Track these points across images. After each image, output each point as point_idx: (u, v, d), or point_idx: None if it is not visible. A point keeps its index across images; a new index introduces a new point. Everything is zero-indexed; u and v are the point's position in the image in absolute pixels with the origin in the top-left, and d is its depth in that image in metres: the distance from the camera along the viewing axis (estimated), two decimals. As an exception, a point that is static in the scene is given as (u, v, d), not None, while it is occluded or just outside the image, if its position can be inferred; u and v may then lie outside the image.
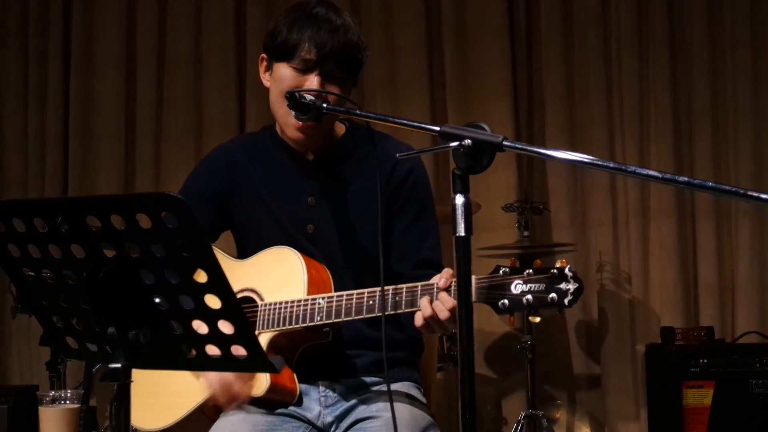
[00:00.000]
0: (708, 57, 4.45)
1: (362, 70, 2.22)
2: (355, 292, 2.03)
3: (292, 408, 2.13)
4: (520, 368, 4.25)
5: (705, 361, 3.88)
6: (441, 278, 1.95)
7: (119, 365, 1.54)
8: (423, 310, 1.95)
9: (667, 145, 4.44)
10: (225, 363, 1.58)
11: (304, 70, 2.12)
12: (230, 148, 2.35)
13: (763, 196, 1.42)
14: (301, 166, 2.25)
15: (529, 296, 1.86)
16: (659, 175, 1.52)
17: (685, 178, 1.51)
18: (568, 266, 1.85)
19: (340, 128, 2.30)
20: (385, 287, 2.00)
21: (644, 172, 1.54)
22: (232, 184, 2.28)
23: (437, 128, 1.69)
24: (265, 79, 2.23)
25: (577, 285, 1.84)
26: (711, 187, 1.49)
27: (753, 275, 4.32)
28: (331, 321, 2.04)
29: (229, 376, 2.03)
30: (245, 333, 1.54)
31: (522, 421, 3.96)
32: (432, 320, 1.95)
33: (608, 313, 4.47)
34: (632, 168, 1.55)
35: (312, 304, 2.05)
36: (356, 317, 2.03)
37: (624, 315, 4.45)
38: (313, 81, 2.11)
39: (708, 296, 4.38)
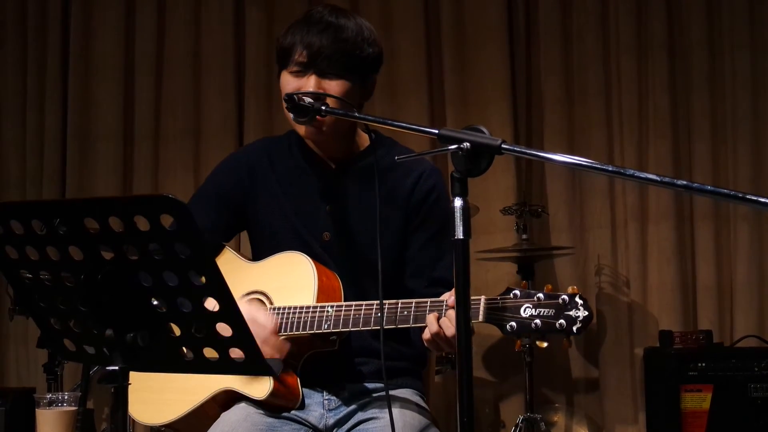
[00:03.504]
0: (707, 59, 4.44)
1: (372, 66, 2.18)
2: (364, 303, 2.03)
3: (294, 411, 2.13)
4: (518, 371, 4.24)
5: (703, 364, 3.87)
6: (451, 296, 1.95)
7: (117, 367, 1.55)
8: (429, 326, 1.95)
9: (666, 147, 4.43)
10: (223, 366, 1.57)
11: (300, 72, 2.12)
12: (252, 152, 2.35)
13: (762, 199, 1.42)
14: (322, 174, 2.25)
15: (538, 321, 1.86)
16: (658, 178, 1.52)
17: (684, 182, 1.51)
18: (579, 293, 1.85)
19: (364, 138, 2.27)
20: (395, 301, 2.00)
21: (643, 175, 1.54)
22: (250, 188, 2.28)
23: (436, 131, 1.69)
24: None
25: (587, 313, 1.84)
26: (709, 190, 1.48)
27: (751, 279, 4.31)
28: (338, 330, 2.04)
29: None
30: (243, 336, 1.53)
31: (520, 424, 3.96)
32: (438, 337, 1.94)
33: (607, 317, 4.46)
34: (631, 171, 1.55)
35: (321, 312, 2.05)
36: (363, 328, 2.03)
37: (622, 318, 4.44)
38: (310, 82, 2.11)
39: (706, 300, 4.37)
